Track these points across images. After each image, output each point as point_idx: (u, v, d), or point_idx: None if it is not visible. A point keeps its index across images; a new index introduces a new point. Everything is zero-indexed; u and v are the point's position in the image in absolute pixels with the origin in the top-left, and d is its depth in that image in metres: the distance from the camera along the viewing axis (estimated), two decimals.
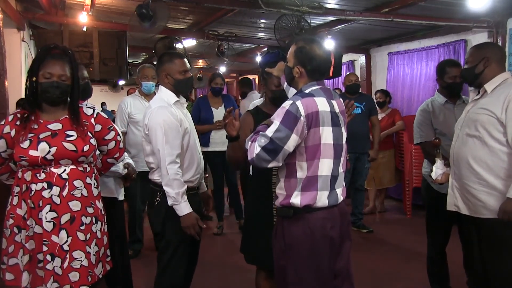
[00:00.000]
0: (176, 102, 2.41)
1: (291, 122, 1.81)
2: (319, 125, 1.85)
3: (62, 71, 2.09)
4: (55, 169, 2.07)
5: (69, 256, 2.05)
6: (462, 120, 2.43)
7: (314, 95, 1.88)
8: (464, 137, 2.36)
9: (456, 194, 2.41)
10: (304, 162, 1.87)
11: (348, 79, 4.89)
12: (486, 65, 2.35)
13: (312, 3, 4.64)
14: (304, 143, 1.86)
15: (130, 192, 4.09)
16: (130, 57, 7.76)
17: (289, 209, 1.91)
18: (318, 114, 1.85)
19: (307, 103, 1.84)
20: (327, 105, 1.89)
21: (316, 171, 1.87)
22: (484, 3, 4.36)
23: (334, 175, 1.93)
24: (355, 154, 4.79)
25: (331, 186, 1.92)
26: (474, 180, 2.30)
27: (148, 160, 2.41)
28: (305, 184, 1.88)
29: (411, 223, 5.36)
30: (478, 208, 2.30)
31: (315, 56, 1.95)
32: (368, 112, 4.87)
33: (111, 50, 5.31)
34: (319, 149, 1.86)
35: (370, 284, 3.54)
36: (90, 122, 2.22)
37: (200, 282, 2.85)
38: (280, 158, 1.86)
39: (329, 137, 1.89)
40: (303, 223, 1.89)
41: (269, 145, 1.82)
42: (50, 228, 2.04)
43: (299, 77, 1.98)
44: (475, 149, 2.29)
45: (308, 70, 1.96)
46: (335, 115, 1.93)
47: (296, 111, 1.82)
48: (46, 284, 2.03)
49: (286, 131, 1.81)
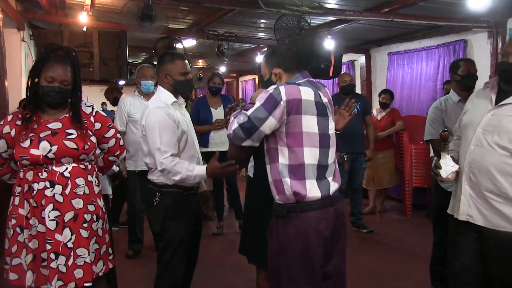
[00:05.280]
0: (174, 103, 2.41)
1: (271, 105, 1.84)
2: (301, 113, 1.87)
3: (64, 76, 2.09)
4: (56, 168, 2.08)
5: (73, 254, 2.06)
6: (486, 123, 2.08)
7: (300, 84, 1.92)
8: (492, 145, 2.03)
9: (470, 203, 2.13)
10: (285, 148, 1.88)
11: (342, 79, 4.88)
12: None
13: (312, 3, 4.65)
14: (285, 129, 1.88)
15: (130, 192, 4.09)
16: (130, 57, 7.78)
17: (283, 208, 1.91)
18: (300, 102, 1.86)
19: (290, 90, 1.87)
20: (312, 95, 1.91)
21: (301, 159, 1.88)
22: (484, 3, 4.37)
23: (323, 164, 1.93)
24: (352, 154, 4.79)
25: (320, 175, 1.92)
26: (497, 193, 2.02)
27: (146, 161, 2.40)
28: (291, 171, 1.88)
29: (411, 223, 5.36)
30: (497, 220, 2.04)
31: (282, 52, 2.06)
32: (363, 112, 4.87)
33: (111, 50, 5.31)
34: (301, 136, 1.87)
35: (370, 284, 3.54)
36: (89, 120, 2.22)
37: (200, 282, 2.85)
38: (255, 138, 1.89)
39: (313, 126, 1.90)
40: (296, 222, 1.89)
41: (246, 124, 1.87)
42: (54, 227, 2.05)
43: (280, 78, 2.02)
44: (505, 162, 1.99)
45: (283, 66, 2.02)
46: (322, 105, 1.94)
47: (277, 95, 1.85)
48: (51, 282, 2.04)
49: (265, 113, 1.84)
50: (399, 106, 6.43)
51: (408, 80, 6.51)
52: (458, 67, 3.01)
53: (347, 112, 2.37)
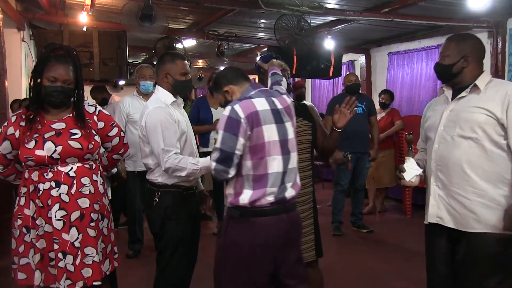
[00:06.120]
0: (173, 103, 2.41)
1: (234, 127, 1.87)
2: (261, 124, 1.90)
3: (66, 76, 2.10)
4: (62, 168, 2.08)
5: (80, 253, 2.07)
6: (445, 120, 2.09)
7: (252, 97, 1.96)
8: (456, 138, 2.03)
9: (439, 204, 2.09)
10: (249, 161, 1.91)
11: (348, 79, 4.89)
12: (465, 65, 2.06)
13: (312, 3, 4.65)
14: (249, 143, 1.90)
15: (129, 192, 4.09)
16: (130, 57, 7.77)
17: (237, 210, 1.94)
18: (257, 113, 1.90)
19: (245, 105, 1.90)
20: (266, 104, 1.95)
21: (265, 169, 1.91)
22: (484, 3, 4.37)
23: (284, 171, 1.96)
24: (356, 154, 4.79)
25: (280, 182, 1.95)
26: (467, 189, 2.00)
27: (145, 161, 2.40)
28: (254, 182, 1.92)
29: (411, 223, 5.36)
30: (468, 221, 2.00)
31: (225, 71, 2.16)
32: (368, 112, 4.87)
33: (111, 50, 5.30)
34: (264, 147, 1.91)
35: (370, 284, 3.54)
36: (92, 119, 2.23)
37: (199, 282, 2.85)
38: (236, 163, 1.91)
39: (273, 134, 1.93)
40: (247, 227, 1.92)
41: (221, 156, 1.89)
42: (60, 226, 2.06)
43: (233, 93, 2.07)
44: (471, 153, 1.99)
45: (233, 82, 2.07)
46: (277, 112, 1.97)
47: (236, 115, 1.87)
48: (59, 281, 2.05)
49: (232, 137, 1.87)
50: (399, 106, 6.44)
51: (408, 80, 6.51)
52: None
53: (348, 110, 2.38)
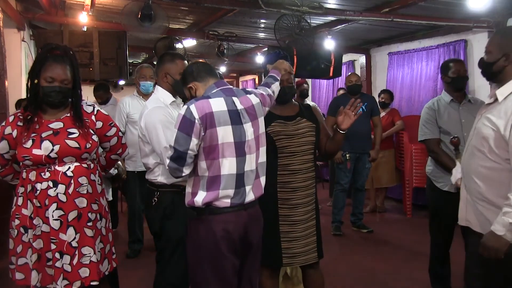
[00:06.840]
0: (172, 103, 2.42)
1: (188, 127, 1.88)
2: (215, 125, 1.90)
3: (64, 75, 2.10)
4: (59, 167, 2.08)
5: (78, 253, 2.07)
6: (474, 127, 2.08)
7: (210, 97, 1.96)
8: (472, 149, 2.04)
9: (468, 208, 2.10)
10: (203, 162, 1.92)
11: (349, 79, 4.89)
12: (506, 63, 1.95)
13: (312, 3, 4.65)
14: (203, 143, 1.92)
15: (129, 192, 4.09)
16: (130, 57, 7.77)
17: (193, 210, 1.97)
18: (212, 114, 1.90)
19: (200, 106, 1.90)
20: (223, 105, 1.95)
21: (218, 170, 1.92)
22: (484, 3, 4.37)
23: (240, 173, 1.96)
24: (356, 154, 4.79)
25: (237, 184, 1.95)
26: (478, 196, 2.01)
27: (145, 161, 2.40)
28: (208, 183, 1.93)
29: (411, 223, 5.37)
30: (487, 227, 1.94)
31: (191, 68, 2.12)
32: (369, 112, 4.86)
33: (111, 50, 5.31)
34: (217, 148, 1.91)
35: (370, 284, 3.54)
36: (90, 119, 2.23)
37: None
38: (190, 162, 1.92)
39: (228, 136, 1.93)
40: (206, 225, 1.95)
41: (174, 154, 1.91)
42: (58, 226, 2.06)
43: (197, 89, 2.07)
44: (480, 166, 1.98)
45: (197, 79, 2.07)
46: (235, 113, 1.97)
47: (190, 115, 1.89)
48: (57, 282, 2.05)
49: (185, 136, 1.88)
50: (399, 106, 6.44)
51: (408, 80, 6.51)
52: (448, 69, 3.00)
53: (352, 112, 2.37)
